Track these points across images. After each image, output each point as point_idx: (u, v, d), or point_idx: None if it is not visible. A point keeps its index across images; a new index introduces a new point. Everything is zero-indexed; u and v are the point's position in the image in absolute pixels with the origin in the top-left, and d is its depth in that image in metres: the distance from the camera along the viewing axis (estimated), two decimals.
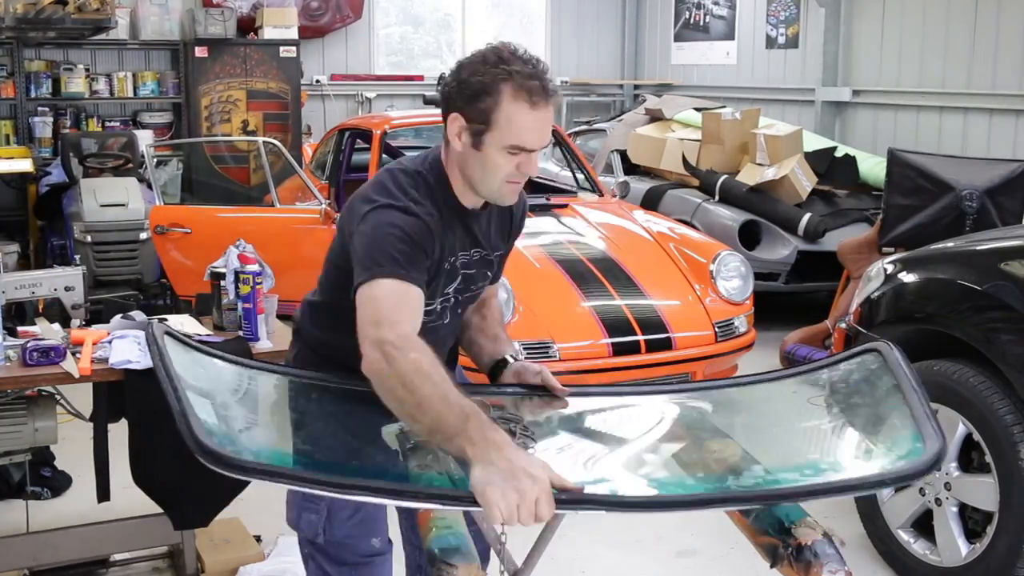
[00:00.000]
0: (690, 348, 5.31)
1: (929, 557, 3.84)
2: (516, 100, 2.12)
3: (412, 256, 2.19)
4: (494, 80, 2.14)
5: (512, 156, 2.19)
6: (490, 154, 2.20)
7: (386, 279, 2.14)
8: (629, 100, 12.31)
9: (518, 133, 2.15)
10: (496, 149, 2.18)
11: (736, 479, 2.09)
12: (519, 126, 2.14)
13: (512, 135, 2.15)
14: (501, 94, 2.13)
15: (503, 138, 2.16)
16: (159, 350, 2.15)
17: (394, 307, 2.12)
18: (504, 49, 2.19)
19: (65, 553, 3.86)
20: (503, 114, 2.14)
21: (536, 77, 2.12)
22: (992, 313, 3.65)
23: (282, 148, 7.27)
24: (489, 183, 2.27)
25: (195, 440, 1.84)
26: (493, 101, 2.14)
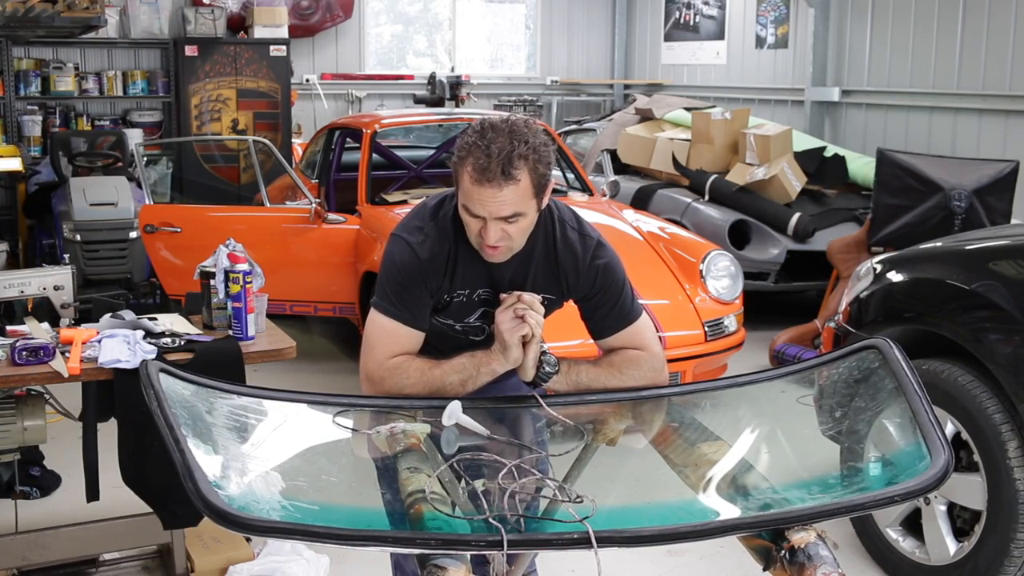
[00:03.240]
0: (680, 347, 5.31)
1: (917, 555, 3.85)
2: (468, 171, 2.34)
3: (402, 295, 2.51)
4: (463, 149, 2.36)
5: (471, 217, 2.39)
6: (461, 210, 2.43)
7: (380, 314, 2.52)
8: (619, 100, 12.32)
9: (464, 196, 2.38)
10: (461, 205, 2.42)
11: (745, 500, 2.08)
12: (465, 190, 2.37)
13: (463, 195, 2.39)
14: (463, 162, 2.36)
15: (460, 197, 2.41)
16: (156, 395, 2.15)
17: (380, 341, 2.51)
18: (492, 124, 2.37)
19: (54, 553, 3.85)
20: (461, 178, 2.38)
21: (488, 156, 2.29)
22: (980, 312, 3.66)
23: (272, 147, 7.25)
24: (468, 235, 2.47)
25: (203, 500, 1.86)
26: (458, 166, 2.38)
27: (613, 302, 2.62)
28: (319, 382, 6.12)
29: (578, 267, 2.58)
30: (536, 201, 2.41)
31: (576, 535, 1.86)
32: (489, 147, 2.31)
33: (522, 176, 2.33)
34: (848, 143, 9.24)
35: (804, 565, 1.88)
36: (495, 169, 2.30)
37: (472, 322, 2.61)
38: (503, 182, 2.31)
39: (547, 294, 2.58)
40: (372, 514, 2.14)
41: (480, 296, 2.57)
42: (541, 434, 2.49)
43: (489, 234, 2.38)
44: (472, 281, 2.55)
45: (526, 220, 2.41)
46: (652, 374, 2.60)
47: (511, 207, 2.35)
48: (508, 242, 2.42)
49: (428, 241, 2.51)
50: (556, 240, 2.58)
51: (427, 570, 1.85)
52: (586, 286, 2.60)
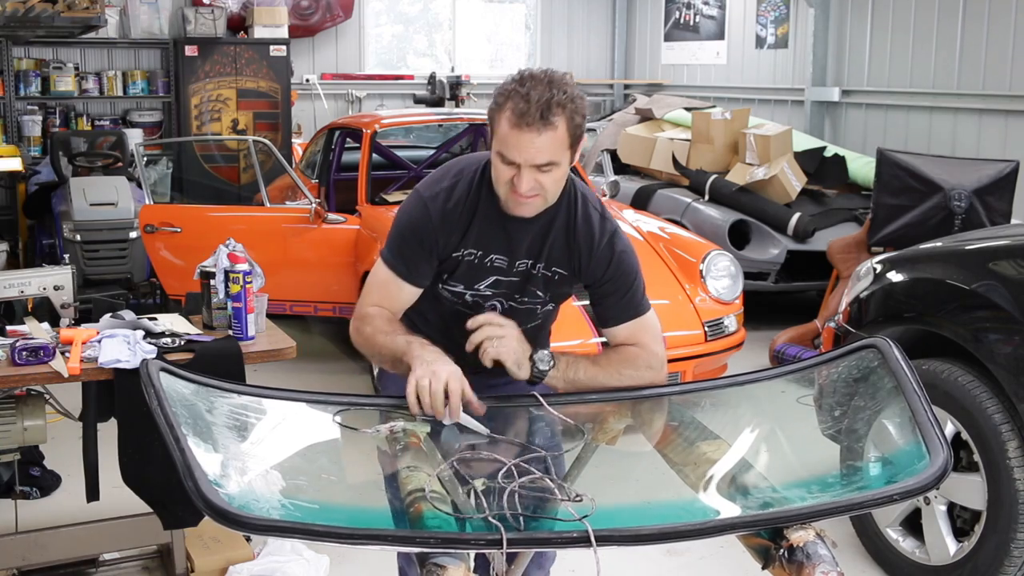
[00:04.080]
0: (680, 348, 5.31)
1: (917, 555, 3.85)
2: (506, 116, 2.34)
3: (403, 248, 2.56)
4: (502, 95, 2.37)
5: (505, 165, 2.38)
6: (493, 158, 2.43)
7: (380, 262, 2.60)
8: (619, 100, 12.32)
9: (501, 142, 2.37)
10: (494, 153, 2.41)
11: (744, 499, 2.08)
12: (501, 136, 2.37)
13: (498, 142, 2.38)
14: (501, 108, 2.36)
15: (496, 144, 2.40)
16: (156, 394, 2.15)
17: (374, 289, 2.61)
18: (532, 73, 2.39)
19: (54, 553, 3.85)
20: (498, 124, 2.37)
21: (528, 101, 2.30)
22: (980, 312, 3.66)
23: (272, 147, 7.25)
24: (497, 186, 2.46)
25: (203, 498, 1.85)
26: (496, 112, 2.38)
27: (623, 292, 2.62)
28: (319, 382, 6.11)
29: (592, 248, 2.58)
30: (570, 152, 2.41)
31: (575, 534, 1.86)
32: (528, 93, 2.31)
33: (560, 124, 2.33)
34: (848, 143, 9.24)
35: (803, 564, 1.88)
36: (534, 114, 2.30)
37: (482, 290, 2.59)
38: (541, 128, 2.31)
39: (560, 269, 2.59)
40: (372, 513, 2.14)
41: (493, 262, 2.56)
42: (541, 433, 2.48)
43: (522, 182, 2.37)
44: (487, 243, 2.55)
45: (559, 171, 2.41)
46: (650, 374, 2.59)
47: (547, 154, 2.34)
48: (540, 193, 2.42)
49: (445, 195, 2.54)
50: (577, 215, 2.58)
51: (427, 569, 1.85)
52: (598, 270, 2.60)
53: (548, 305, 2.66)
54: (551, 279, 2.60)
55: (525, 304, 2.62)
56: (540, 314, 2.67)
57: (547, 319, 2.74)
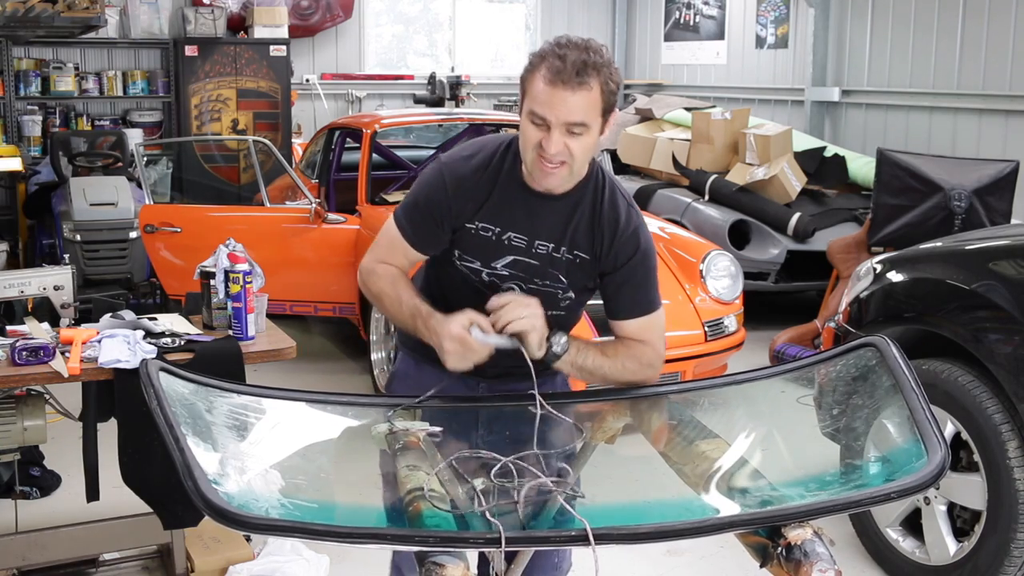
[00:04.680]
0: (680, 347, 5.31)
1: (917, 555, 3.85)
2: (541, 74, 2.34)
3: (414, 214, 2.57)
4: (537, 56, 2.38)
5: (535, 126, 2.36)
6: (523, 121, 2.40)
7: (392, 222, 2.61)
8: (619, 99, 12.30)
9: (533, 100, 2.35)
10: (525, 115, 2.39)
11: (742, 497, 2.08)
12: (535, 94, 2.35)
13: (530, 100, 2.36)
14: (536, 68, 2.36)
15: (528, 104, 2.38)
16: (156, 393, 2.15)
17: (382, 245, 2.64)
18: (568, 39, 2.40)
19: (54, 553, 3.85)
20: (531, 83, 2.36)
21: (564, 61, 2.31)
22: (980, 312, 3.66)
23: (272, 147, 7.26)
24: (525, 152, 2.43)
25: (202, 498, 1.85)
26: (530, 73, 2.38)
27: (638, 284, 2.60)
28: (319, 382, 6.11)
29: (617, 233, 2.55)
30: (601, 120, 2.39)
31: (574, 532, 1.86)
32: (565, 55, 2.32)
33: (595, 85, 2.33)
34: (848, 143, 9.24)
35: (800, 562, 1.88)
36: (570, 72, 2.30)
37: (499, 270, 2.54)
38: (576, 86, 2.31)
39: (582, 253, 2.55)
40: (371, 512, 2.15)
41: (511, 240, 2.52)
42: (540, 432, 2.48)
43: (552, 142, 2.34)
44: (505, 219, 2.51)
45: (589, 138, 2.38)
46: (650, 372, 2.59)
47: (580, 114, 2.33)
48: (568, 160, 2.38)
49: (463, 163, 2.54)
50: (604, 199, 2.55)
51: (425, 567, 1.85)
52: (620, 258, 2.56)
53: (569, 292, 2.59)
54: (574, 263, 2.55)
55: (546, 288, 2.56)
56: (561, 302, 2.59)
57: (570, 313, 2.65)
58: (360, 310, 6.22)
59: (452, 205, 2.51)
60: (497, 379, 2.63)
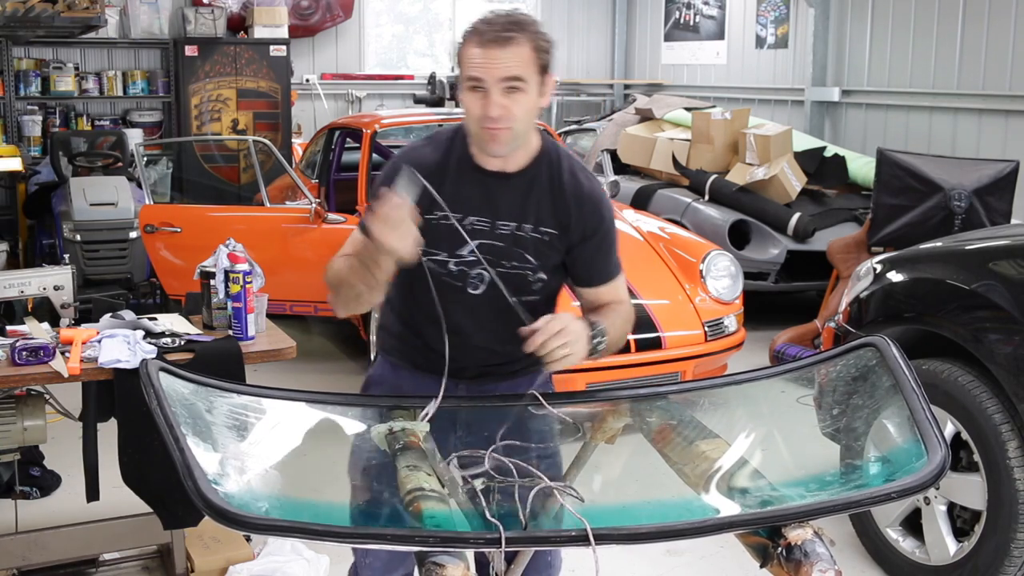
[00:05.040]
0: (680, 347, 5.32)
1: (917, 555, 3.85)
2: (472, 42, 2.40)
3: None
4: (466, 31, 2.45)
5: (475, 92, 2.39)
6: (463, 96, 2.44)
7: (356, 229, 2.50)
8: (619, 100, 12.32)
9: (468, 66, 2.40)
10: (464, 87, 2.42)
11: (743, 497, 2.08)
12: (468, 61, 2.40)
13: (466, 68, 2.41)
14: (467, 40, 2.42)
15: (464, 73, 2.42)
16: (156, 394, 2.15)
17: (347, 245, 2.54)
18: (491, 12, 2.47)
19: (54, 553, 3.85)
20: (464, 55, 2.42)
21: (491, 24, 2.38)
22: (980, 312, 3.66)
23: (272, 147, 7.26)
24: (471, 127, 2.46)
25: (202, 498, 1.86)
26: (462, 48, 2.43)
27: (608, 249, 2.62)
28: (319, 382, 6.11)
29: (582, 202, 2.56)
30: (538, 79, 2.42)
31: (574, 532, 1.86)
32: (492, 19, 2.40)
33: (523, 41, 2.37)
34: (848, 143, 9.24)
35: (800, 562, 1.88)
36: (498, 29, 2.36)
37: (466, 256, 2.52)
38: (506, 42, 2.35)
39: (548, 229, 2.55)
40: (371, 512, 2.15)
41: (473, 225, 2.51)
42: (541, 432, 2.49)
43: (491, 103, 2.36)
44: (465, 205, 2.50)
45: (527, 99, 2.40)
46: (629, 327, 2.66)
47: (514, 67, 2.36)
48: (510, 122, 2.39)
49: (416, 153, 2.56)
50: (562, 171, 2.56)
51: (426, 568, 1.85)
52: (589, 226, 2.57)
53: (539, 274, 2.57)
54: (541, 241, 2.54)
55: (515, 270, 2.55)
56: (533, 284, 2.57)
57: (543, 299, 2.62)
58: None
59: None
60: (475, 380, 2.63)
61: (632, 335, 5.18)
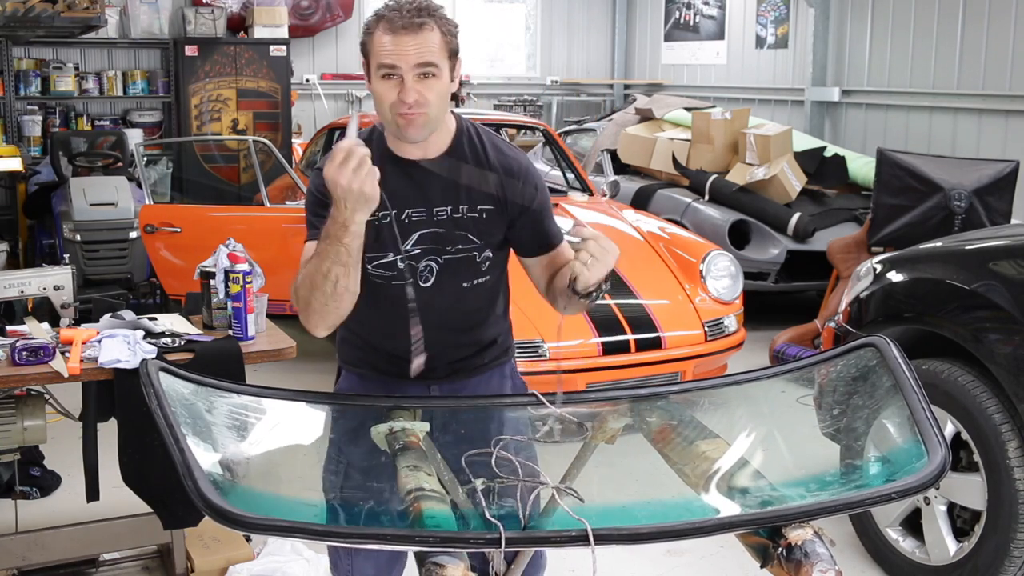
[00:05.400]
0: (680, 347, 5.31)
1: (917, 555, 3.85)
2: (380, 29, 2.38)
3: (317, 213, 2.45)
4: (372, 19, 2.42)
5: (387, 80, 2.38)
6: (375, 85, 2.42)
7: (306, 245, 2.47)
8: (619, 100, 12.32)
9: (379, 54, 2.37)
10: (375, 77, 2.41)
11: (743, 498, 2.08)
12: (379, 49, 2.37)
13: (376, 56, 2.38)
14: (374, 27, 2.40)
15: (374, 61, 2.40)
16: (156, 394, 2.14)
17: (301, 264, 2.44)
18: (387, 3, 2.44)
19: (54, 553, 3.85)
20: (373, 43, 2.40)
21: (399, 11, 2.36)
22: (980, 312, 3.66)
23: (272, 147, 7.26)
24: (385, 115, 2.43)
25: (202, 498, 1.85)
26: (368, 36, 2.42)
27: (549, 214, 2.62)
28: (319, 382, 6.09)
29: (513, 174, 2.55)
30: (449, 64, 2.43)
31: (575, 532, 1.86)
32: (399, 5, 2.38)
33: (433, 26, 2.38)
34: (848, 143, 9.24)
35: (801, 562, 1.88)
36: (408, 16, 2.35)
37: (411, 250, 2.50)
38: (417, 28, 2.35)
39: (485, 206, 2.54)
40: (371, 512, 2.15)
41: (411, 217, 2.49)
42: (541, 432, 2.48)
43: (407, 91, 2.36)
44: (397, 199, 2.47)
45: (440, 83, 2.40)
46: None
47: (427, 53, 2.36)
48: (425, 109, 2.39)
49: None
50: (486, 147, 2.56)
51: (425, 568, 1.85)
52: (526, 196, 2.56)
53: (486, 252, 2.56)
54: (480, 219, 2.54)
55: (461, 253, 2.54)
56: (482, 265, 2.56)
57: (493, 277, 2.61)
58: None
59: None
60: (447, 379, 2.64)
61: (632, 335, 5.19)
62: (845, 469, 2.29)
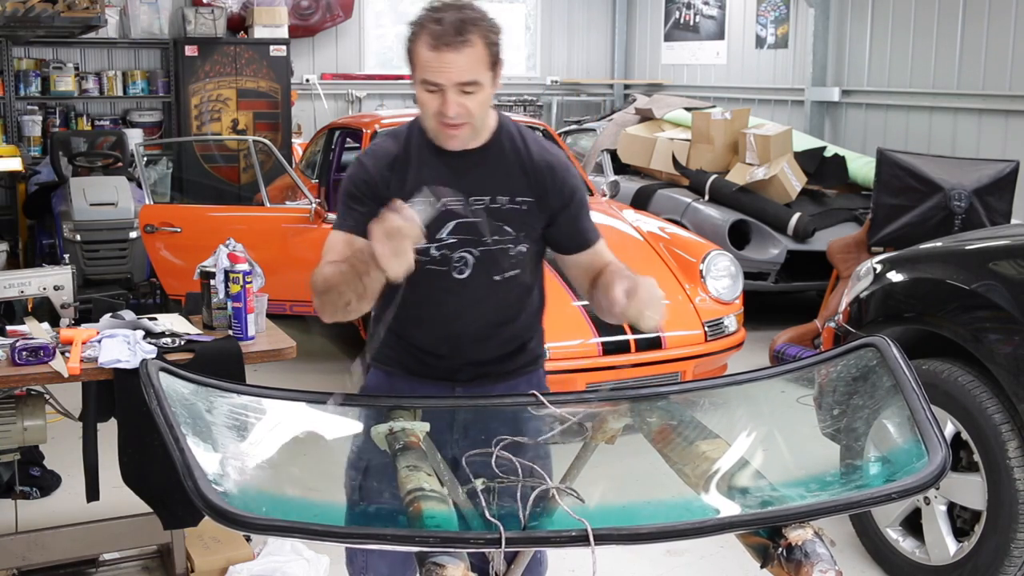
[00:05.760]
0: (680, 347, 5.31)
1: (917, 555, 3.85)
2: (423, 41, 2.39)
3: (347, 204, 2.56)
4: (415, 25, 2.43)
5: (430, 93, 2.41)
6: (418, 92, 2.46)
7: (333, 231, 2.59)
8: (619, 100, 12.32)
9: (422, 69, 2.40)
10: (419, 85, 2.44)
11: (743, 498, 2.08)
12: (422, 63, 2.40)
13: (420, 71, 2.41)
14: (418, 36, 2.41)
15: (418, 74, 2.43)
16: (156, 394, 2.14)
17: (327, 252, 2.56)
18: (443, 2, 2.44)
19: (54, 553, 3.85)
20: (416, 53, 2.42)
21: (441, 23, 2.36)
22: (980, 312, 3.66)
23: (272, 147, 7.26)
24: (428, 121, 2.48)
25: (202, 498, 1.85)
26: (412, 43, 2.43)
27: (587, 213, 2.65)
28: (319, 382, 6.10)
29: (554, 170, 2.58)
30: (491, 74, 2.43)
31: (575, 533, 1.86)
32: (442, 18, 2.37)
33: (476, 41, 2.37)
34: (848, 143, 9.24)
35: (801, 563, 1.88)
36: (450, 32, 2.35)
37: (446, 239, 2.51)
38: (459, 46, 2.35)
39: (525, 198, 2.55)
40: (371, 512, 2.15)
41: (447, 205, 2.49)
42: (541, 432, 2.48)
43: (449, 104, 2.38)
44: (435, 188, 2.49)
45: (482, 94, 2.42)
46: None
47: (468, 72, 2.37)
48: (467, 119, 2.42)
49: (378, 148, 2.60)
50: (527, 142, 2.58)
51: (426, 568, 1.84)
52: (566, 192, 2.59)
53: (520, 246, 2.56)
54: (519, 211, 2.55)
55: (496, 244, 2.54)
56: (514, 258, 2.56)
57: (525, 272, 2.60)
58: None
59: (377, 179, 2.54)
60: (472, 383, 2.63)
61: (632, 335, 5.19)
62: (845, 469, 2.29)
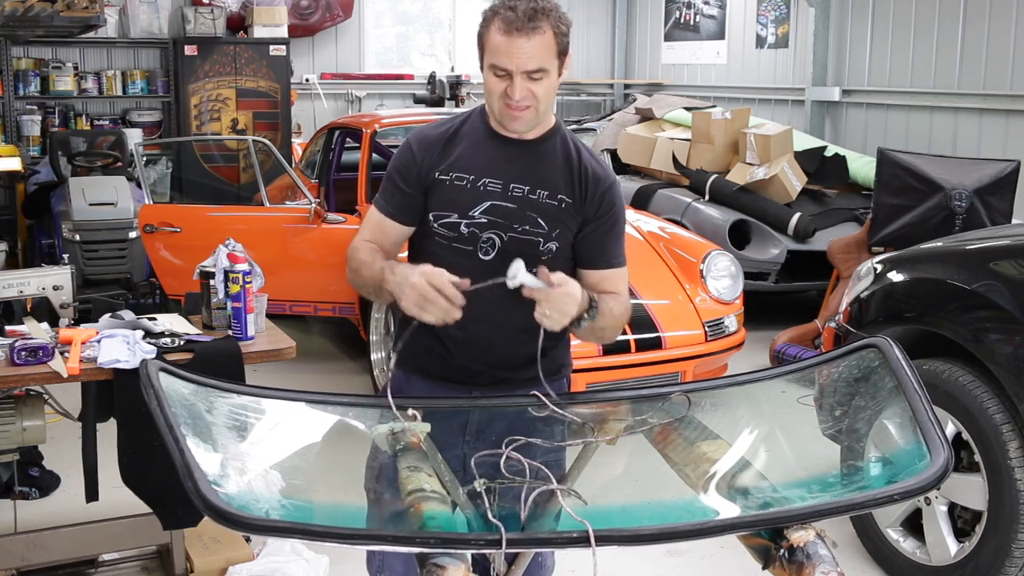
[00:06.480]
0: (680, 347, 5.31)
1: (918, 556, 3.85)
2: (496, 27, 2.46)
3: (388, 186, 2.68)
4: (489, 11, 2.51)
5: (498, 78, 2.48)
6: (485, 76, 2.52)
7: (372, 206, 2.72)
8: (619, 99, 12.31)
9: (493, 53, 2.47)
10: (487, 69, 2.50)
11: (744, 499, 2.08)
12: (493, 48, 2.47)
13: (490, 55, 2.48)
14: (490, 22, 2.49)
15: (488, 58, 2.50)
16: (156, 394, 2.14)
17: (365, 228, 2.72)
18: None
19: (54, 553, 3.85)
20: (488, 39, 2.49)
21: (515, 11, 2.44)
22: (981, 312, 3.66)
23: (272, 147, 7.25)
24: (492, 104, 2.54)
25: (202, 499, 1.85)
26: (485, 28, 2.51)
27: (617, 235, 2.68)
28: (319, 382, 6.11)
29: (599, 181, 2.63)
30: (558, 63, 2.49)
31: (575, 534, 1.85)
32: (515, 5, 2.45)
33: (547, 29, 2.44)
34: (848, 143, 9.23)
35: (803, 564, 1.88)
36: (523, 19, 2.42)
37: (477, 217, 2.56)
38: (530, 32, 2.42)
39: (565, 197, 2.59)
40: (372, 513, 2.14)
41: (486, 186, 2.57)
42: (543, 433, 2.48)
43: (516, 89, 2.44)
44: (479, 167, 2.58)
45: (549, 81, 2.48)
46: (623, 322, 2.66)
47: (537, 60, 2.44)
48: (533, 103, 2.48)
49: (429, 129, 2.69)
50: (580, 151, 2.64)
51: (426, 569, 1.84)
52: (603, 206, 2.63)
53: (550, 243, 2.57)
54: (557, 208, 2.58)
55: (526, 235, 2.56)
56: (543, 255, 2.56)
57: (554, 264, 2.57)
58: (360, 310, 6.21)
59: (419, 162, 2.61)
60: (490, 387, 2.63)
61: (632, 335, 5.18)
62: (847, 470, 2.28)
